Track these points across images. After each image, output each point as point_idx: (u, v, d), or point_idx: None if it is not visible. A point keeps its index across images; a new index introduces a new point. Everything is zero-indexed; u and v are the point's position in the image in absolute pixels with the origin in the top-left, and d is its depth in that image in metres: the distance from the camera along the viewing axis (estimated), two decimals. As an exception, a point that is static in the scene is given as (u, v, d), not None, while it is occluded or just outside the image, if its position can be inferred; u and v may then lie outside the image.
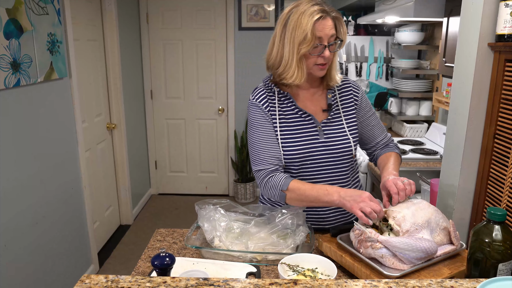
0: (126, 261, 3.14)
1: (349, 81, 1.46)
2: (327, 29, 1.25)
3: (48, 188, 2.32)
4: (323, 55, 1.27)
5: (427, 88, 3.09)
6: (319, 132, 1.36)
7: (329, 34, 1.26)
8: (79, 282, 0.86)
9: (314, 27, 1.23)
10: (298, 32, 1.24)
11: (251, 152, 1.37)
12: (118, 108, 3.52)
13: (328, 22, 1.26)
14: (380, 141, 1.50)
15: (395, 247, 1.04)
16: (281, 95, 1.38)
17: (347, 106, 1.42)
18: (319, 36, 1.25)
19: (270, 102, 1.38)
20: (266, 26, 4.05)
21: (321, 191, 1.23)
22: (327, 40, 1.27)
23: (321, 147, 1.36)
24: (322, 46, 1.27)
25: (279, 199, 1.30)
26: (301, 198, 1.26)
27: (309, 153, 1.35)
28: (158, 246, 1.33)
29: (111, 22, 3.35)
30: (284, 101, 1.38)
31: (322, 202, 1.24)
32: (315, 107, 1.40)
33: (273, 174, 1.31)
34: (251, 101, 1.40)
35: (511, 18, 1.19)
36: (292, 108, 1.37)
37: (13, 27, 1.97)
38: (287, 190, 1.27)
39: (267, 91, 1.39)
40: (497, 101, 1.29)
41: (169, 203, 4.29)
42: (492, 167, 1.32)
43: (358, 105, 1.44)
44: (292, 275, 1.06)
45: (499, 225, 0.94)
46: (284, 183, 1.27)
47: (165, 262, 0.97)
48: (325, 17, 1.25)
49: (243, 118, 4.27)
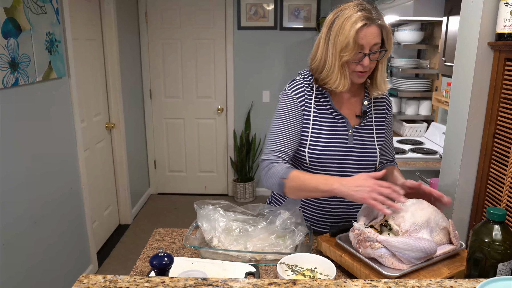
0: (125, 260, 3.14)
1: (384, 93, 1.44)
2: (369, 37, 1.20)
3: (47, 188, 2.32)
4: (362, 63, 1.23)
5: (427, 88, 3.09)
6: (349, 137, 1.34)
7: (371, 42, 1.21)
8: (77, 282, 0.86)
9: (357, 35, 1.19)
10: (340, 38, 1.20)
11: (267, 140, 1.37)
12: (117, 107, 3.52)
13: (372, 30, 1.20)
14: (389, 158, 1.50)
15: (395, 247, 1.03)
16: (318, 92, 1.35)
17: (379, 117, 1.40)
18: (361, 43, 1.20)
19: (307, 97, 1.34)
20: (265, 26, 4.05)
21: (320, 179, 1.21)
22: (369, 48, 1.22)
23: (348, 152, 1.34)
24: (362, 54, 1.22)
25: (278, 188, 1.27)
26: (300, 187, 1.23)
27: (336, 155, 1.33)
28: (157, 246, 1.33)
29: (110, 21, 3.34)
30: (320, 99, 1.35)
31: (321, 192, 1.21)
32: (349, 111, 1.37)
33: (276, 163, 1.29)
34: (286, 92, 1.36)
35: (511, 17, 1.19)
36: (327, 108, 1.34)
37: (11, 26, 1.96)
38: (287, 179, 1.24)
39: (305, 86, 1.36)
40: (497, 100, 1.28)
41: (168, 203, 4.29)
42: (491, 167, 1.32)
43: (387, 118, 1.43)
44: (291, 275, 1.06)
45: (499, 224, 0.93)
46: (284, 172, 1.25)
47: (163, 262, 0.96)
48: (370, 24, 1.19)
49: (242, 117, 4.27)
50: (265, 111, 4.23)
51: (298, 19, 4.05)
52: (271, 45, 4.11)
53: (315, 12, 4.06)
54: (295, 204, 1.32)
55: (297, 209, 1.31)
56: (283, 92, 1.39)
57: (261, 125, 4.26)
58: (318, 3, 4.03)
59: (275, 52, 4.12)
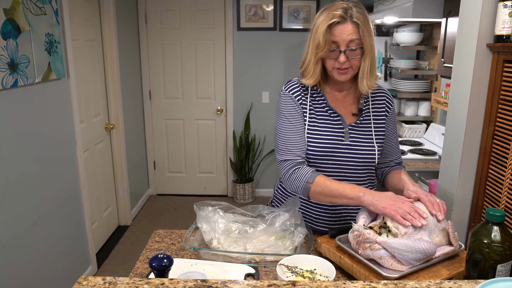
0: (124, 261, 3.14)
1: (384, 91, 1.44)
2: (344, 34, 1.22)
3: (46, 189, 2.32)
4: (338, 60, 1.26)
5: (426, 89, 3.09)
6: (345, 134, 1.35)
7: (346, 39, 1.23)
8: (77, 284, 0.86)
9: (329, 32, 1.23)
10: (315, 36, 1.25)
11: (277, 140, 1.36)
12: (116, 108, 3.52)
13: (346, 27, 1.22)
14: (395, 160, 1.49)
15: (394, 248, 1.03)
16: (314, 91, 1.37)
17: (378, 115, 1.41)
18: (335, 40, 1.23)
19: (303, 96, 1.37)
20: (265, 27, 4.05)
21: (347, 186, 1.23)
22: (345, 45, 1.24)
23: (344, 150, 1.35)
24: (338, 51, 1.25)
25: (302, 192, 1.28)
26: (326, 193, 1.25)
27: (332, 153, 1.34)
28: (156, 247, 1.33)
29: (109, 22, 3.34)
30: (316, 98, 1.37)
31: (346, 198, 1.22)
32: (345, 110, 1.38)
33: (300, 166, 1.30)
34: (284, 92, 1.40)
35: (509, 19, 1.19)
36: (322, 106, 1.37)
37: (11, 27, 1.96)
38: (312, 183, 1.26)
39: (301, 85, 1.39)
40: (495, 102, 1.29)
41: (167, 204, 4.28)
42: (490, 168, 1.32)
43: (388, 117, 1.43)
44: (291, 276, 1.06)
45: (498, 226, 0.94)
46: (310, 176, 1.26)
47: (163, 264, 0.96)
48: (344, 22, 1.22)
49: (241, 118, 4.27)
50: (264, 112, 4.23)
51: (297, 20, 4.06)
52: (270, 46, 4.11)
53: (315, 13, 4.05)
54: (295, 205, 1.32)
55: (296, 210, 1.31)
56: (281, 93, 1.41)
57: (261, 126, 4.26)
58: (318, 4, 4.03)
59: (274, 53, 4.13)
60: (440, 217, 1.13)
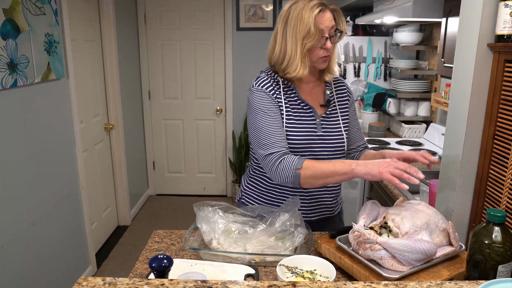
0: (124, 262, 3.13)
1: (342, 81, 1.52)
2: (327, 21, 1.29)
3: (46, 189, 2.31)
4: (326, 47, 1.31)
5: (426, 89, 3.09)
6: (317, 125, 1.39)
7: (329, 26, 1.30)
8: (76, 285, 0.86)
9: (316, 20, 1.27)
10: (300, 27, 1.28)
11: (257, 136, 1.33)
12: (115, 108, 3.51)
13: (327, 15, 1.29)
14: (362, 144, 1.56)
15: (394, 248, 1.03)
16: (284, 85, 1.40)
17: (342, 104, 1.47)
18: (321, 28, 1.28)
19: (276, 90, 1.39)
20: (264, 27, 4.05)
21: (337, 163, 1.23)
22: (328, 32, 1.30)
23: (318, 141, 1.39)
24: (324, 38, 1.30)
25: (293, 180, 1.26)
26: (317, 175, 1.23)
27: (307, 145, 1.37)
28: (156, 248, 1.32)
29: (108, 22, 3.34)
30: (287, 92, 1.40)
31: (339, 175, 1.21)
32: (314, 102, 1.43)
33: (286, 156, 1.29)
34: (256, 88, 1.38)
35: (510, 19, 1.19)
36: (295, 99, 1.39)
37: (10, 27, 1.96)
38: (301, 169, 1.25)
39: (272, 80, 1.40)
40: (496, 102, 1.28)
41: (167, 204, 4.28)
42: (491, 168, 1.32)
43: (350, 105, 1.50)
44: (291, 277, 1.06)
45: (499, 226, 0.93)
46: (298, 162, 1.26)
47: (163, 264, 0.96)
48: (324, 9, 1.29)
49: (241, 118, 4.26)
50: (264, 112, 4.22)
51: (297, 20, 4.05)
52: (270, 46, 4.10)
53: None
54: (295, 206, 1.32)
55: (296, 210, 1.31)
56: (252, 89, 1.39)
57: (260, 126, 4.25)
58: (317, 4, 4.03)
59: (274, 53, 4.12)
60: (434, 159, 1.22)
